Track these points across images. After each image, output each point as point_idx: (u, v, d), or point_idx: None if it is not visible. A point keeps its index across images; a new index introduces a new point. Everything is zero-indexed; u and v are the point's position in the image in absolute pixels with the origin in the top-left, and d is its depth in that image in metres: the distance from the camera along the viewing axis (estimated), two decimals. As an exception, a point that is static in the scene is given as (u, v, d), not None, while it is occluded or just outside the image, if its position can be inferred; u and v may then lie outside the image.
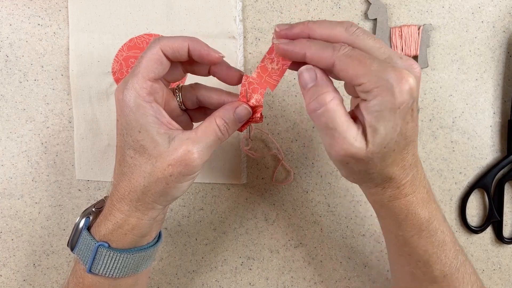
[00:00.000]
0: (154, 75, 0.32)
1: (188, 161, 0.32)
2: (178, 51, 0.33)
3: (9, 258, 0.49)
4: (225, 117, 0.34)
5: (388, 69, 0.28)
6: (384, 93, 0.28)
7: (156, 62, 0.32)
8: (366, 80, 0.28)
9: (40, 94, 0.48)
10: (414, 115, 0.30)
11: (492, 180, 0.49)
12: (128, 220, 0.34)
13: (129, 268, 0.35)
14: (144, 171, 0.33)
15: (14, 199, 0.49)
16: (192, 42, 0.33)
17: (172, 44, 0.32)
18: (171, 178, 0.33)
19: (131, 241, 0.35)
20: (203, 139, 0.33)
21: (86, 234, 0.35)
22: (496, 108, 0.49)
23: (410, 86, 0.28)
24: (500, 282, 0.50)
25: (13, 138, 0.48)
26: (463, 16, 0.48)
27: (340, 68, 0.29)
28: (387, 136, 0.29)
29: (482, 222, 0.50)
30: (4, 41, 0.48)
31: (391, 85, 0.28)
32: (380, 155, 0.30)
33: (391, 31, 0.47)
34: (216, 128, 0.34)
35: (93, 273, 0.35)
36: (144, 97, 0.32)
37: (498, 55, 0.49)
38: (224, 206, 0.50)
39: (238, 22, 0.47)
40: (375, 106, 0.28)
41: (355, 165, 0.31)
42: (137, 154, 0.33)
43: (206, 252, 0.50)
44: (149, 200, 0.34)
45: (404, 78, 0.28)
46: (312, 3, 0.48)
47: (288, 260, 0.50)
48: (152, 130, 0.32)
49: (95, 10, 0.47)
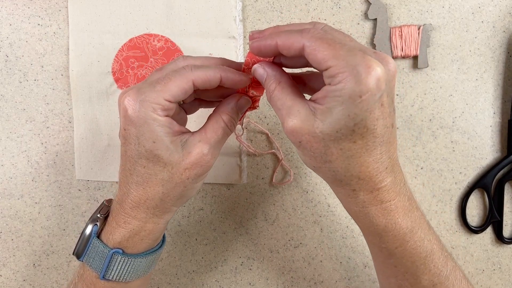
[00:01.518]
0: (175, 99, 0.32)
1: (203, 162, 0.33)
2: (209, 82, 0.33)
3: (9, 258, 0.49)
4: (230, 112, 0.35)
5: (358, 55, 0.27)
6: (348, 78, 0.27)
7: (182, 91, 0.32)
8: (333, 63, 0.27)
9: (40, 94, 0.48)
10: (385, 111, 0.29)
11: (492, 180, 0.49)
12: (145, 227, 0.34)
13: (141, 271, 0.36)
14: (162, 179, 0.33)
15: (14, 199, 0.49)
16: (225, 73, 0.33)
17: (205, 77, 0.32)
18: (188, 181, 0.34)
19: (146, 246, 0.36)
20: (213, 138, 0.34)
21: (98, 242, 0.35)
22: (496, 108, 0.49)
23: (377, 76, 0.27)
24: (500, 282, 0.50)
25: (13, 138, 0.48)
26: (463, 16, 0.48)
27: (309, 51, 0.29)
28: (340, 121, 0.28)
29: (482, 222, 0.50)
30: (4, 41, 0.48)
31: (357, 71, 0.27)
32: (333, 138, 0.29)
33: (391, 31, 0.47)
34: (224, 125, 0.34)
35: (106, 279, 0.35)
36: (159, 113, 0.32)
37: (498, 55, 0.49)
38: (224, 206, 0.50)
39: (238, 22, 0.47)
40: (336, 91, 0.27)
41: (308, 144, 0.30)
42: (150, 164, 0.33)
43: (206, 252, 0.50)
44: (167, 205, 0.34)
45: (372, 67, 0.27)
46: (312, 3, 0.48)
47: (288, 260, 0.50)
48: (166, 140, 0.32)
49: (95, 10, 0.47)
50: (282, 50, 0.31)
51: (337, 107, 0.28)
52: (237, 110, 0.35)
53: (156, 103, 0.31)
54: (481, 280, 0.50)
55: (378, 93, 0.27)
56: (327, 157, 0.30)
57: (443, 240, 0.49)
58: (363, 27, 0.48)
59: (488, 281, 0.50)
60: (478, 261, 0.50)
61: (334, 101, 0.28)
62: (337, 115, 0.28)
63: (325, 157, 0.30)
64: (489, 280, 0.50)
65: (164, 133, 0.32)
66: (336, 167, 0.30)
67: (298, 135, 0.30)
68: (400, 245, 0.33)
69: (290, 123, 0.30)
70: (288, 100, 0.31)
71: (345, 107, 0.27)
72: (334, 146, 0.29)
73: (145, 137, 0.32)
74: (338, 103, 0.28)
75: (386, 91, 0.28)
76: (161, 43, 0.47)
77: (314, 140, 0.29)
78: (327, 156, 0.30)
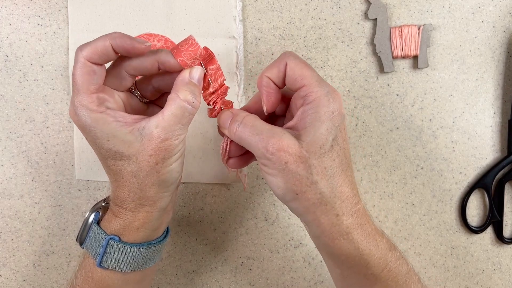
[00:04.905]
0: (94, 86, 0.32)
1: (165, 146, 0.32)
2: (103, 53, 0.32)
3: (9, 258, 0.49)
4: (185, 87, 0.33)
5: (325, 81, 0.32)
6: (321, 97, 0.31)
7: (87, 74, 0.32)
8: (308, 82, 0.32)
9: (40, 94, 0.48)
10: (345, 136, 0.33)
11: (492, 180, 0.49)
12: (137, 216, 0.34)
13: (139, 262, 0.36)
14: (131, 171, 0.33)
15: (14, 199, 0.49)
16: (114, 40, 0.32)
17: (94, 49, 0.32)
18: (159, 166, 0.33)
19: (143, 236, 0.35)
20: (171, 119, 0.32)
21: (97, 228, 0.35)
22: (496, 108, 0.49)
23: (340, 100, 0.32)
24: (500, 282, 0.50)
25: (13, 138, 0.48)
26: (463, 16, 0.48)
27: (291, 67, 0.33)
28: (322, 136, 0.31)
29: (482, 222, 0.50)
30: (4, 41, 0.48)
31: (327, 91, 0.31)
32: (317, 155, 0.31)
33: (391, 31, 0.47)
34: (182, 103, 0.33)
35: (102, 267, 0.35)
36: (95, 110, 0.32)
37: (499, 55, 0.48)
38: (224, 206, 0.50)
39: (238, 22, 0.47)
40: (311, 109, 0.31)
41: (294, 164, 0.30)
42: (116, 161, 0.33)
43: (206, 252, 0.50)
44: (151, 194, 0.34)
45: (336, 92, 0.32)
46: (312, 3, 0.48)
47: (288, 260, 0.50)
48: (119, 134, 0.32)
49: (95, 10, 0.47)
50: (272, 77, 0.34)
51: (314, 122, 0.31)
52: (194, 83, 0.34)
53: (86, 103, 0.32)
54: (481, 280, 0.50)
55: (342, 115, 0.32)
56: (313, 178, 0.31)
57: (443, 240, 0.50)
58: (363, 27, 0.48)
59: (488, 281, 0.50)
60: (478, 261, 0.50)
61: (311, 118, 0.31)
62: (317, 130, 0.31)
63: (311, 177, 0.31)
64: (489, 280, 0.50)
65: (114, 128, 0.32)
66: (322, 188, 0.31)
67: (285, 155, 0.30)
68: (385, 267, 0.33)
69: (276, 143, 0.30)
70: (264, 125, 0.32)
71: (322, 121, 0.31)
72: (318, 165, 0.31)
73: (98, 138, 0.32)
74: (315, 119, 0.31)
75: (344, 117, 0.32)
76: (161, 43, 0.47)
77: (300, 160, 0.30)
78: (313, 176, 0.31)
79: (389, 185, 0.49)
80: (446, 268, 0.50)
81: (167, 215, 0.37)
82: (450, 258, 0.50)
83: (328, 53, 0.48)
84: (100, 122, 0.32)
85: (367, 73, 0.48)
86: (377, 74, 0.48)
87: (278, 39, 0.48)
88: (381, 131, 0.49)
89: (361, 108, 0.49)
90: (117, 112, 0.33)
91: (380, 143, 0.49)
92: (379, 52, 0.47)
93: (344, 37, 0.48)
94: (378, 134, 0.49)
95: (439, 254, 0.50)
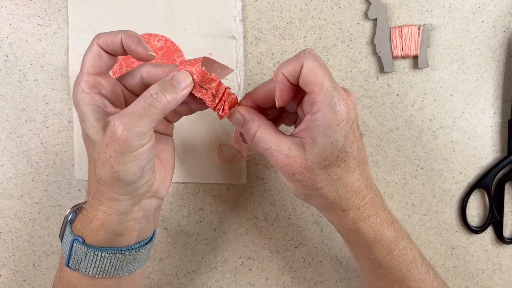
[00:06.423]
0: (96, 69, 0.33)
1: (123, 137, 0.31)
2: (112, 43, 0.33)
3: (9, 258, 0.49)
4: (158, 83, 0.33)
5: (337, 88, 0.32)
6: (326, 108, 0.31)
7: (95, 57, 0.33)
8: (317, 90, 0.31)
9: (39, 94, 0.48)
10: (356, 135, 0.33)
11: (493, 180, 0.49)
12: (97, 215, 0.34)
13: (106, 268, 0.34)
14: (93, 158, 0.33)
15: (14, 199, 0.49)
16: (125, 35, 0.33)
17: (107, 37, 0.33)
18: (112, 160, 0.31)
19: (104, 239, 0.34)
20: (134, 110, 0.31)
21: (68, 227, 0.35)
22: (496, 108, 0.49)
23: (348, 107, 0.32)
24: (500, 282, 0.50)
25: (13, 138, 0.48)
26: (463, 16, 0.48)
27: (306, 69, 0.32)
28: (327, 150, 0.32)
29: (482, 222, 0.50)
30: (4, 41, 0.48)
31: (334, 103, 0.31)
32: (321, 166, 0.32)
33: (391, 31, 0.47)
34: (147, 94, 0.32)
35: (70, 268, 0.34)
36: (84, 89, 0.33)
37: (499, 55, 0.48)
38: (224, 206, 0.50)
39: (238, 22, 0.47)
40: (316, 121, 0.32)
41: (301, 175, 0.33)
42: (87, 144, 0.33)
43: (206, 252, 0.50)
44: (106, 191, 0.33)
45: (345, 100, 0.31)
46: (312, 3, 0.48)
47: (288, 260, 0.50)
48: (90, 118, 0.32)
49: (95, 10, 0.47)
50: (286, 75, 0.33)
51: (320, 137, 0.32)
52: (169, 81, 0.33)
53: (81, 81, 0.33)
54: (481, 280, 0.50)
55: (350, 121, 0.32)
56: (317, 184, 0.33)
57: (443, 240, 0.50)
58: (363, 27, 0.48)
59: (488, 281, 0.50)
60: (478, 261, 0.50)
61: (316, 131, 0.32)
62: (322, 144, 0.32)
63: (316, 184, 0.33)
64: (489, 280, 0.50)
65: (89, 111, 0.33)
66: (326, 192, 0.34)
67: (292, 169, 0.33)
68: (387, 254, 0.36)
69: (284, 159, 0.33)
70: (273, 138, 0.34)
71: (327, 136, 0.31)
72: (323, 173, 0.33)
73: (80, 117, 0.33)
74: (320, 133, 0.32)
75: (354, 118, 0.33)
76: (161, 43, 0.47)
77: (306, 171, 0.33)
78: (317, 184, 0.33)
79: (389, 185, 0.49)
80: (446, 268, 0.50)
81: (135, 223, 0.35)
82: (450, 258, 0.50)
83: (328, 53, 0.48)
84: (81, 102, 0.33)
85: (367, 73, 0.48)
86: (377, 74, 0.48)
87: (278, 39, 0.48)
88: (381, 131, 0.49)
89: (361, 108, 0.49)
90: (104, 99, 0.34)
91: (380, 143, 0.49)
92: (379, 52, 0.47)
93: (344, 37, 0.48)
94: (378, 134, 0.49)
95: (439, 254, 0.50)
